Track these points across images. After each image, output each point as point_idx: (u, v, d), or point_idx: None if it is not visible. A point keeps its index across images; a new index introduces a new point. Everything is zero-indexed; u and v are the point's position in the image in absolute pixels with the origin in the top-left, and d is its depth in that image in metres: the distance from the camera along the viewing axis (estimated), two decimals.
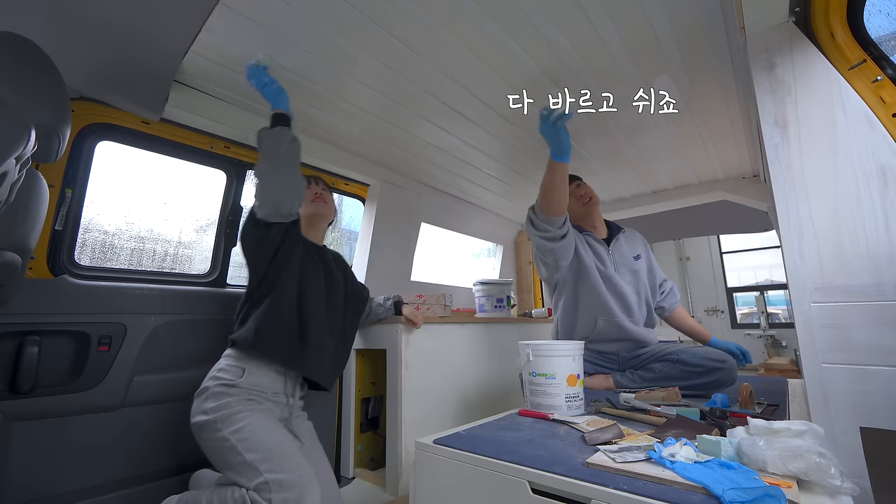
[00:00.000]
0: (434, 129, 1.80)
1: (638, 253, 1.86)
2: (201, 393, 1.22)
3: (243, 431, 1.13)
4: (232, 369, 1.23)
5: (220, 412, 1.16)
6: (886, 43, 1.02)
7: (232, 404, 1.17)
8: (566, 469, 0.84)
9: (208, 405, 1.17)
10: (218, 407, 1.17)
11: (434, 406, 1.74)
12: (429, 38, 1.25)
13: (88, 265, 1.43)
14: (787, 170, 1.04)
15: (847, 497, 0.70)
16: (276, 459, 1.10)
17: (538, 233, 1.64)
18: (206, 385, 1.22)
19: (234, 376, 1.22)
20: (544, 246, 1.65)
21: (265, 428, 1.16)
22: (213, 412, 1.16)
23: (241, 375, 1.22)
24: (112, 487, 1.29)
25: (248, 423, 1.15)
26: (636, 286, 1.80)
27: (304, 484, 1.09)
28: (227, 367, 1.24)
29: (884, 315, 0.90)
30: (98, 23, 1.05)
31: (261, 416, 1.19)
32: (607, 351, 1.77)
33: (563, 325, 1.82)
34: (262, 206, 1.25)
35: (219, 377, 1.22)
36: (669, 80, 1.48)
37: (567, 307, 1.79)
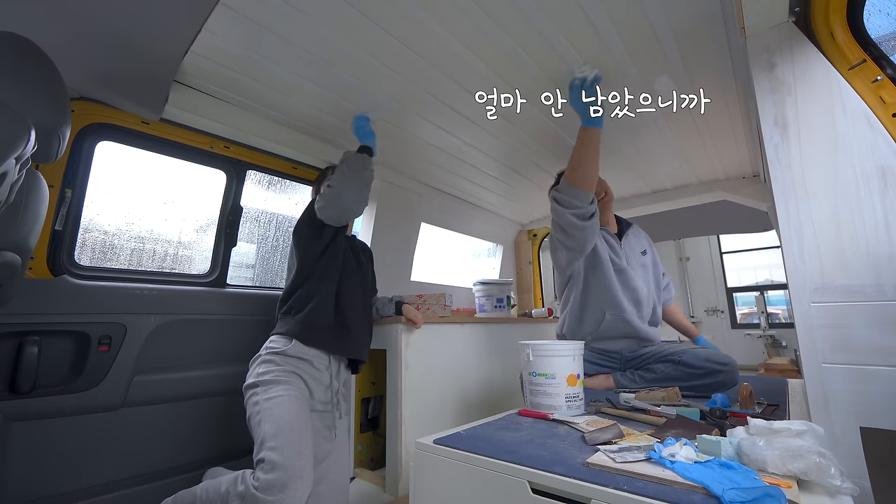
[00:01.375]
0: (434, 129, 1.80)
1: (644, 248, 1.89)
2: (254, 360, 1.34)
3: (272, 402, 1.23)
4: (280, 340, 1.36)
5: (264, 377, 1.27)
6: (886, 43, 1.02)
7: (275, 372, 1.29)
8: (566, 469, 0.84)
9: (258, 370, 1.30)
10: (264, 372, 1.29)
11: (434, 406, 1.74)
12: (429, 38, 1.25)
13: (88, 265, 1.43)
14: (787, 170, 1.04)
15: (847, 497, 0.70)
16: (282, 437, 1.16)
17: (568, 210, 1.54)
18: (259, 353, 1.34)
19: (282, 345, 1.34)
20: (574, 224, 1.54)
21: (290, 406, 1.25)
22: (259, 376, 1.28)
23: (288, 344, 1.34)
24: (112, 487, 1.30)
25: (279, 395, 1.25)
26: (646, 281, 1.82)
27: (295, 471, 1.13)
28: (276, 338, 1.37)
29: (884, 315, 0.90)
30: (98, 23, 1.05)
31: (294, 395, 1.28)
32: (611, 349, 1.77)
33: (570, 318, 1.81)
34: (328, 209, 1.42)
35: (269, 346, 1.35)
36: (669, 79, 1.48)
37: (577, 300, 1.78)
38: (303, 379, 1.34)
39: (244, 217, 1.76)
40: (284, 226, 2.10)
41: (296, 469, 1.13)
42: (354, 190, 1.43)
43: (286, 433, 1.18)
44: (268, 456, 1.12)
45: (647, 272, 1.84)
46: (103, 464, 1.30)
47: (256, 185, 1.93)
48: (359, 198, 1.45)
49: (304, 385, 1.33)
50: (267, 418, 1.19)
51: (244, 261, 1.96)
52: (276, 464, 1.11)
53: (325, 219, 1.43)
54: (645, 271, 1.83)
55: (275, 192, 2.05)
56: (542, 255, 3.45)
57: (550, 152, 2.06)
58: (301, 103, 1.57)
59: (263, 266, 2.02)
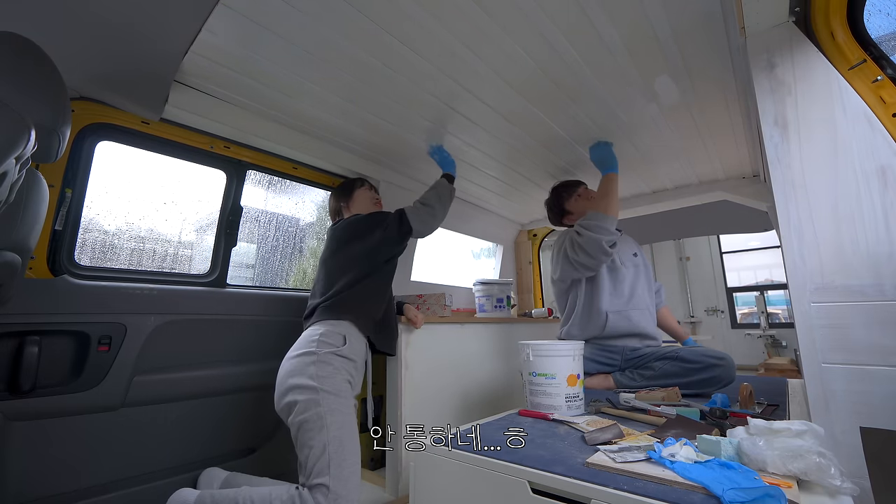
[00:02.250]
0: (434, 129, 1.80)
1: (635, 251, 1.98)
2: (306, 354, 1.29)
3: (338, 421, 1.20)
4: (334, 335, 1.36)
5: (325, 385, 1.24)
6: (886, 43, 1.02)
7: (336, 381, 1.27)
8: (566, 469, 0.84)
9: (315, 370, 1.26)
10: (325, 377, 1.25)
11: (434, 406, 1.74)
12: (429, 38, 1.25)
13: (88, 265, 1.43)
14: (787, 170, 1.04)
15: (847, 497, 0.70)
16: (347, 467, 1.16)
17: (604, 237, 1.71)
18: (312, 349, 1.30)
19: (337, 342, 1.34)
20: (604, 250, 1.71)
21: (352, 428, 1.25)
22: (318, 380, 1.24)
23: (343, 343, 1.35)
24: (112, 487, 1.30)
25: (345, 414, 1.24)
26: (644, 280, 1.94)
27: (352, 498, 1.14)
28: (329, 332, 1.35)
29: (884, 315, 0.90)
30: (98, 22, 1.05)
31: (352, 413, 1.28)
32: (614, 346, 1.80)
33: (576, 320, 1.88)
34: (426, 226, 1.64)
35: (326, 342, 1.32)
36: (669, 80, 1.48)
37: (582, 302, 1.87)
38: (352, 388, 1.34)
39: (244, 217, 1.76)
40: (284, 226, 2.10)
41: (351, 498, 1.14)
42: (441, 212, 1.70)
43: (351, 462, 1.18)
44: (333, 485, 1.11)
45: (640, 272, 1.93)
46: (103, 464, 1.29)
47: (256, 185, 1.93)
48: (441, 218, 1.72)
49: (352, 396, 1.34)
50: (333, 439, 1.17)
51: (244, 261, 1.96)
52: (339, 495, 1.11)
53: (418, 231, 1.62)
54: (637, 271, 1.93)
55: (275, 192, 2.05)
56: (542, 256, 3.45)
57: (551, 152, 2.06)
58: (301, 103, 1.57)
59: (263, 266, 2.02)
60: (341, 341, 1.35)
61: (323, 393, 1.22)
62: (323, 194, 2.25)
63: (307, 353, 1.29)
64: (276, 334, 1.72)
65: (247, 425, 1.63)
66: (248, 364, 1.63)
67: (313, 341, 1.32)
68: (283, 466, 1.69)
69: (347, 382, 1.32)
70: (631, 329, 1.80)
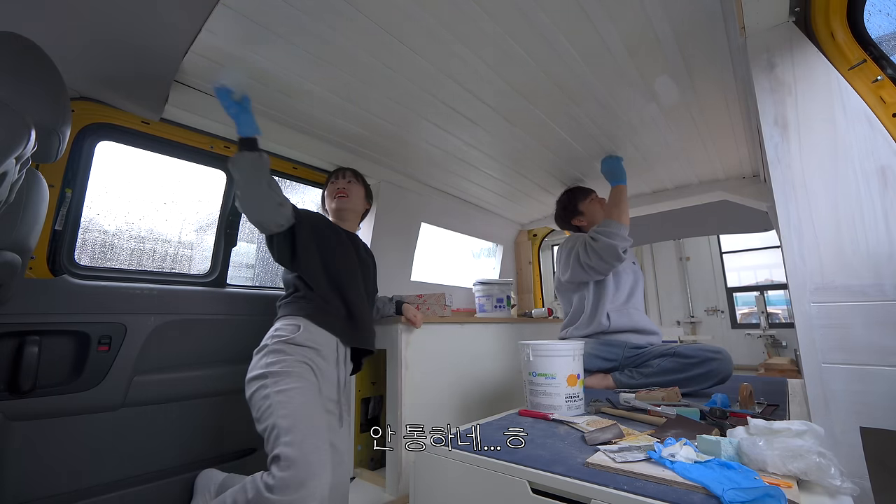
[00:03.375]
0: (434, 129, 1.80)
1: (633, 259, 2.09)
2: (260, 350, 1.28)
3: (285, 394, 1.17)
4: (287, 328, 1.31)
5: (274, 368, 1.21)
6: (886, 43, 1.02)
7: (287, 363, 1.23)
8: (566, 469, 0.84)
9: (266, 360, 1.23)
10: (274, 362, 1.22)
11: (434, 406, 1.74)
12: (429, 38, 1.25)
13: (88, 265, 1.43)
14: (787, 170, 1.04)
15: (847, 497, 0.70)
16: (298, 431, 1.11)
17: (620, 244, 1.80)
18: (265, 343, 1.28)
19: (290, 332, 1.29)
20: (618, 256, 1.79)
21: (304, 398, 1.20)
22: (267, 367, 1.21)
23: (296, 331, 1.30)
24: (112, 487, 1.30)
25: (293, 387, 1.19)
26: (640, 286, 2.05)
27: (314, 468, 1.07)
28: (282, 326, 1.32)
29: (884, 315, 0.90)
30: (98, 22, 1.05)
31: (308, 388, 1.23)
32: (615, 341, 1.85)
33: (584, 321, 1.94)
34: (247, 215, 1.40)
35: (276, 335, 1.29)
36: (669, 80, 1.48)
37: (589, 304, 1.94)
38: (313, 371, 1.28)
39: (244, 217, 1.76)
40: None
41: (315, 465, 1.08)
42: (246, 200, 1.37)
43: (303, 426, 1.12)
44: (284, 452, 1.06)
45: (638, 279, 2.04)
46: (103, 464, 1.29)
47: None
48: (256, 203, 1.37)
49: (314, 378, 1.28)
50: (280, 412, 1.13)
51: (244, 261, 1.96)
52: (293, 460, 1.05)
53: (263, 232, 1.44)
54: (636, 277, 2.04)
55: None
56: (542, 256, 3.45)
57: (551, 152, 2.06)
58: (301, 103, 1.57)
59: (263, 266, 2.02)
60: (294, 330, 1.31)
61: (272, 377, 1.19)
62: None
63: (259, 349, 1.29)
64: None
65: (246, 425, 1.62)
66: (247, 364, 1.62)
67: (267, 337, 1.31)
68: None
69: (303, 364, 1.26)
70: (631, 325, 1.88)
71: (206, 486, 1.33)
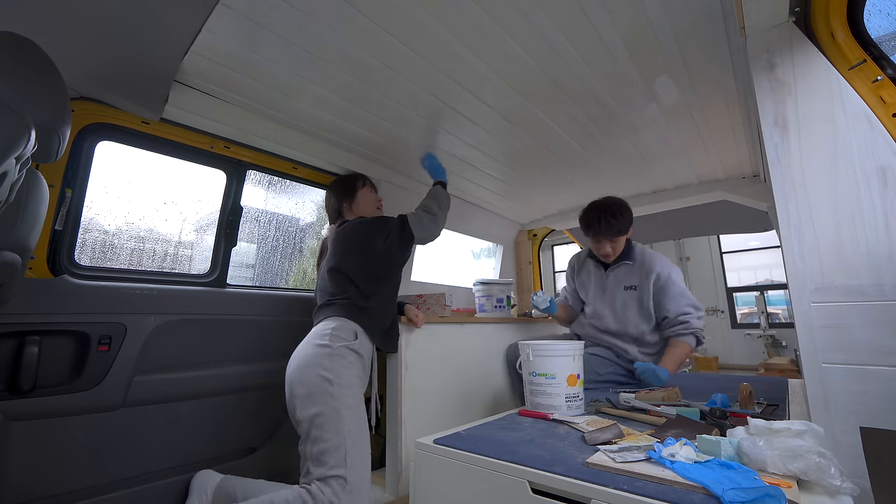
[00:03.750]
0: (434, 129, 1.80)
1: (634, 284, 1.92)
2: (322, 347, 1.29)
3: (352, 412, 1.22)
4: (345, 330, 1.36)
5: (341, 377, 1.25)
6: (886, 43, 1.02)
7: (350, 375, 1.28)
8: (566, 469, 0.84)
9: (333, 364, 1.27)
10: (340, 370, 1.27)
11: (434, 406, 1.74)
12: (429, 38, 1.25)
13: (88, 265, 1.43)
14: (787, 170, 1.04)
15: (847, 497, 0.70)
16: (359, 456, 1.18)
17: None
18: (326, 343, 1.30)
19: (349, 337, 1.35)
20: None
21: (363, 420, 1.27)
22: (333, 373, 1.25)
23: (354, 338, 1.36)
24: (112, 487, 1.30)
25: (358, 406, 1.25)
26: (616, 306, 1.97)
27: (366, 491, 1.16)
28: (341, 327, 1.36)
29: (884, 315, 0.90)
30: (98, 22, 1.05)
31: (364, 413, 1.29)
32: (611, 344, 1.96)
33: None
34: (428, 233, 1.62)
35: (338, 335, 1.33)
36: (669, 80, 1.48)
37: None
38: (360, 382, 1.36)
39: (244, 217, 1.76)
40: (284, 226, 2.10)
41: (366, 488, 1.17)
42: (441, 219, 1.68)
43: (365, 456, 1.20)
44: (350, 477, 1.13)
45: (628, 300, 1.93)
46: (103, 464, 1.29)
47: (256, 185, 1.93)
48: (441, 225, 1.69)
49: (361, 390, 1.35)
50: (349, 433, 1.18)
51: (244, 261, 1.96)
52: (355, 485, 1.13)
53: (420, 239, 1.60)
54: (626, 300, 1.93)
55: (275, 192, 2.05)
56: (541, 255, 3.45)
57: (551, 152, 2.06)
58: (301, 103, 1.57)
59: (263, 266, 2.02)
60: (353, 336, 1.36)
61: (338, 386, 1.23)
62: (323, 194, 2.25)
63: (321, 346, 1.30)
64: (276, 334, 1.72)
65: (247, 425, 1.64)
66: (247, 364, 1.63)
67: (326, 335, 1.32)
68: (282, 466, 1.69)
69: (358, 378, 1.33)
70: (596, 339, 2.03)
71: (203, 486, 1.33)
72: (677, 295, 1.83)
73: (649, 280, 1.85)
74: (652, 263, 1.88)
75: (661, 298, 1.84)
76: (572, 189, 2.60)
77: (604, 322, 1.97)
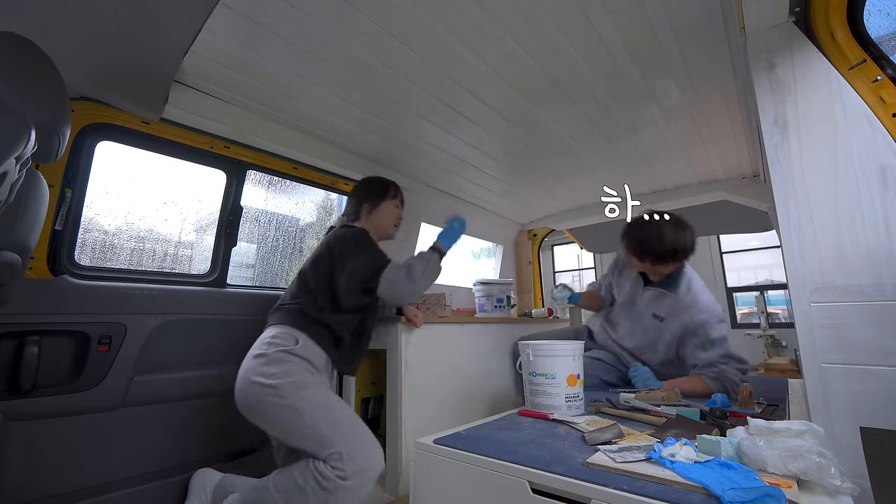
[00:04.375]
0: (434, 129, 1.80)
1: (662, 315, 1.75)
2: (260, 357, 1.25)
3: (313, 404, 1.18)
4: (286, 337, 1.29)
5: (284, 379, 1.19)
6: (886, 43, 1.02)
7: (294, 373, 1.22)
8: (566, 469, 0.84)
9: (270, 370, 1.21)
10: (281, 374, 1.20)
11: (434, 406, 1.74)
12: (429, 38, 1.25)
13: (88, 265, 1.43)
14: (787, 170, 1.04)
15: (847, 497, 0.70)
16: (346, 429, 1.15)
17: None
18: (264, 351, 1.25)
19: (289, 343, 1.27)
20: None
21: (332, 399, 1.24)
22: (275, 378, 1.19)
23: (294, 343, 1.28)
24: (112, 487, 1.30)
25: (316, 393, 1.21)
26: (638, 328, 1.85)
27: (374, 452, 1.15)
28: (281, 334, 1.30)
29: (884, 315, 0.90)
30: (98, 22, 1.05)
31: (326, 389, 1.26)
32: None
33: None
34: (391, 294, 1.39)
35: (275, 343, 1.27)
36: (669, 80, 1.49)
37: None
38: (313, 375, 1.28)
39: (244, 217, 1.76)
40: (284, 226, 2.10)
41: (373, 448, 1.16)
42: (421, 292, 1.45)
43: (346, 423, 1.17)
44: (343, 448, 1.10)
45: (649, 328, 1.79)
46: (103, 464, 1.29)
47: (256, 185, 1.93)
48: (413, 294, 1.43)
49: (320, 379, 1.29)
50: (316, 417, 1.15)
51: (244, 261, 1.96)
52: (353, 455, 1.10)
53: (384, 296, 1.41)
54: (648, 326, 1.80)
55: (275, 192, 2.05)
56: (541, 255, 3.45)
57: (551, 152, 2.06)
58: (301, 103, 1.57)
59: (263, 266, 2.02)
60: (293, 342, 1.28)
61: (282, 386, 1.18)
62: (323, 194, 2.25)
63: (257, 356, 1.25)
64: None
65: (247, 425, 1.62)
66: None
67: (264, 344, 1.28)
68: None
69: (308, 372, 1.25)
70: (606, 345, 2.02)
71: (202, 486, 1.33)
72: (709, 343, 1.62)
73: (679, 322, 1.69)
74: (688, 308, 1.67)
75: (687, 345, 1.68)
76: (572, 189, 2.60)
77: (618, 333, 1.91)
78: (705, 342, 1.62)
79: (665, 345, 1.74)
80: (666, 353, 1.76)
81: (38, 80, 0.77)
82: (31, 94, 0.75)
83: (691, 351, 1.66)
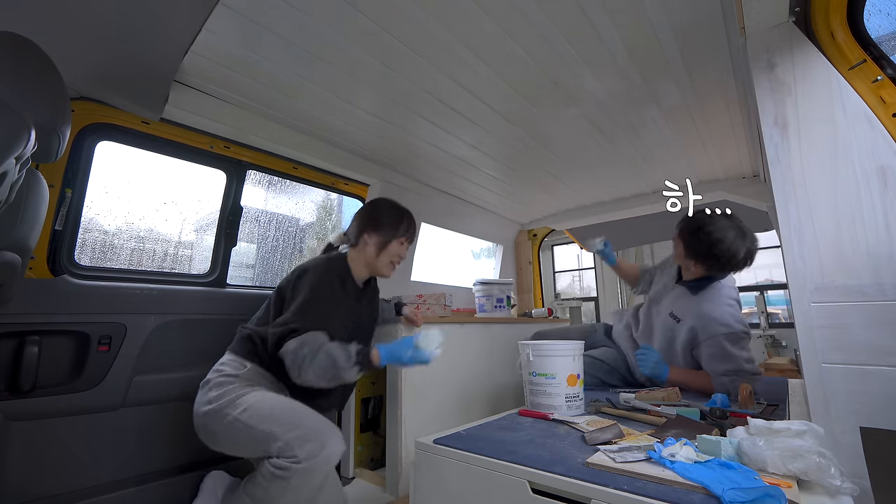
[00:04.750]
0: (434, 129, 1.80)
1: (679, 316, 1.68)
2: (204, 386, 1.25)
3: (250, 409, 1.16)
4: (234, 363, 1.27)
5: (224, 399, 1.19)
6: (886, 43, 1.02)
7: (233, 390, 1.20)
8: (566, 469, 0.84)
9: (212, 394, 1.21)
10: (221, 395, 1.20)
11: (434, 406, 1.74)
12: (429, 38, 1.25)
13: (88, 265, 1.43)
14: (787, 170, 1.04)
15: (847, 497, 0.70)
16: (286, 420, 1.13)
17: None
18: (208, 378, 1.26)
19: (235, 370, 1.25)
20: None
21: (268, 397, 1.20)
22: (216, 400, 1.19)
23: (242, 369, 1.25)
24: (112, 487, 1.29)
25: (252, 398, 1.18)
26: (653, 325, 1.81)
27: (324, 431, 1.12)
28: (229, 361, 1.28)
29: (884, 315, 0.90)
30: (98, 22, 1.05)
31: (261, 391, 1.21)
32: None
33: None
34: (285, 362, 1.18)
35: (220, 370, 1.26)
36: (670, 81, 1.48)
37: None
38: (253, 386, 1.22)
39: (244, 217, 1.76)
40: (284, 226, 2.10)
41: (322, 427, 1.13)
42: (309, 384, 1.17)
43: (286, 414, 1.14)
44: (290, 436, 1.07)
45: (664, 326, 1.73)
46: (103, 464, 1.29)
47: (256, 185, 1.93)
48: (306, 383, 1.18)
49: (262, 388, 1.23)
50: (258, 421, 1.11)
51: (244, 261, 1.96)
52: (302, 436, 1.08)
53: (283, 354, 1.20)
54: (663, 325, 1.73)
55: (275, 192, 2.05)
56: (541, 255, 3.45)
57: (551, 152, 2.06)
58: (301, 103, 1.57)
59: (263, 266, 2.02)
60: (240, 367, 1.25)
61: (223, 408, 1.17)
62: (323, 194, 2.25)
63: (202, 385, 1.25)
64: None
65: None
66: None
67: (211, 371, 1.26)
68: None
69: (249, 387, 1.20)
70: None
71: (214, 489, 1.32)
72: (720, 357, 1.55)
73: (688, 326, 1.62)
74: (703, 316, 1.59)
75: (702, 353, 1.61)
76: (572, 189, 2.60)
77: (639, 331, 1.84)
78: (719, 354, 1.55)
79: (681, 347, 1.65)
80: (684, 356, 1.66)
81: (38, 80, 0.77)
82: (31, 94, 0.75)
83: (707, 361, 1.59)
